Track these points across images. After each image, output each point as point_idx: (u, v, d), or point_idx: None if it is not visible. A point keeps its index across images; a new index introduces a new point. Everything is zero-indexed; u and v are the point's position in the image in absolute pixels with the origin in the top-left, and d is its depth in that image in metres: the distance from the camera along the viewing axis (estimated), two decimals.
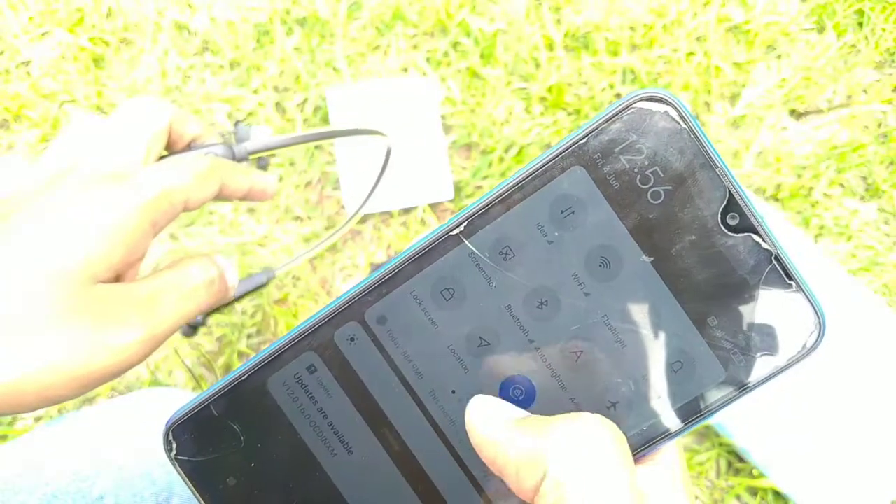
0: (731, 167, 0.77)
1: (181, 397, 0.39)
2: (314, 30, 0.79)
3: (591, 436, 0.16)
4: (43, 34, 0.79)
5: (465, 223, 0.19)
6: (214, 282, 0.26)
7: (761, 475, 0.66)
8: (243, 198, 0.29)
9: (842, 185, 0.77)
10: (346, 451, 0.20)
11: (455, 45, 0.79)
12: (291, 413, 0.20)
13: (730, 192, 0.18)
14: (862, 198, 0.77)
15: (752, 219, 0.18)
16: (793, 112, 0.80)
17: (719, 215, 0.18)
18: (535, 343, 0.19)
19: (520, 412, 0.18)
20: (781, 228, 0.72)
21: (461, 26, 0.79)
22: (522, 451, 0.17)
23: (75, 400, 0.66)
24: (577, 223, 0.19)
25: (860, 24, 0.82)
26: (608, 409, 0.19)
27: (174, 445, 0.20)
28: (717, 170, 0.18)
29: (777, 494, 0.67)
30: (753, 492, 0.67)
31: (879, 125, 0.79)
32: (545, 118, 0.78)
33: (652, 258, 0.18)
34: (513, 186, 0.19)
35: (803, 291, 0.18)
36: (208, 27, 0.79)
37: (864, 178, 0.78)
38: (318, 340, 0.20)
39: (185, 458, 0.20)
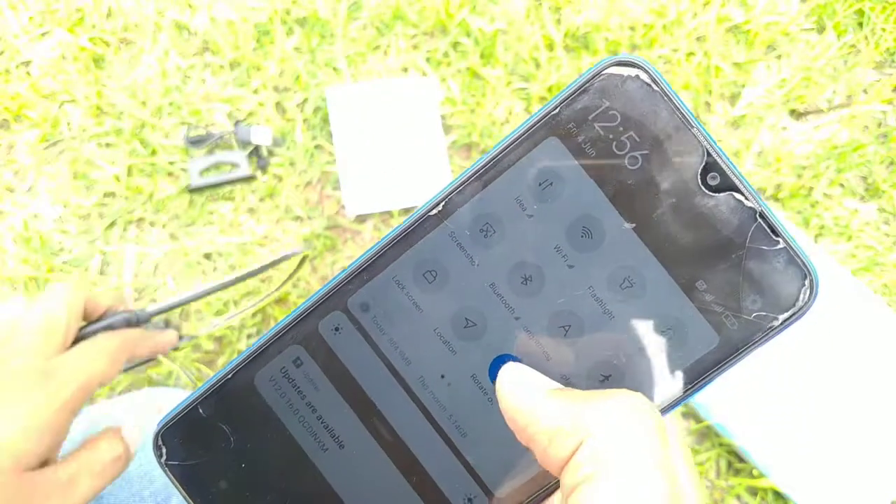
0: None
1: (180, 397, 0.39)
2: (314, 30, 0.79)
3: (635, 414, 0.16)
4: (43, 34, 0.79)
5: (443, 203, 0.19)
6: (121, 457, 0.30)
7: (761, 475, 0.66)
8: (150, 357, 0.36)
9: (842, 185, 0.77)
10: (337, 446, 0.20)
11: (455, 45, 0.79)
12: (280, 409, 0.20)
13: (707, 152, 0.18)
14: (862, 198, 0.77)
15: (734, 177, 0.18)
16: (793, 112, 0.80)
17: (699, 176, 0.18)
18: (521, 320, 0.19)
19: (552, 382, 0.18)
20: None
21: (461, 26, 0.79)
22: (557, 420, 0.16)
23: None
24: (555, 195, 0.18)
25: (860, 24, 0.82)
26: (601, 382, 0.19)
27: (164, 451, 0.20)
28: (692, 130, 0.18)
29: (777, 494, 0.67)
30: (753, 492, 0.67)
31: (879, 125, 0.79)
32: None
33: (634, 225, 0.18)
34: (488, 163, 0.18)
35: (791, 248, 0.18)
36: (208, 27, 0.79)
37: (864, 178, 0.78)
38: (303, 333, 0.20)
39: (176, 462, 0.20)
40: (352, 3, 0.80)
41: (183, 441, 0.20)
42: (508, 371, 0.18)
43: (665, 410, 0.19)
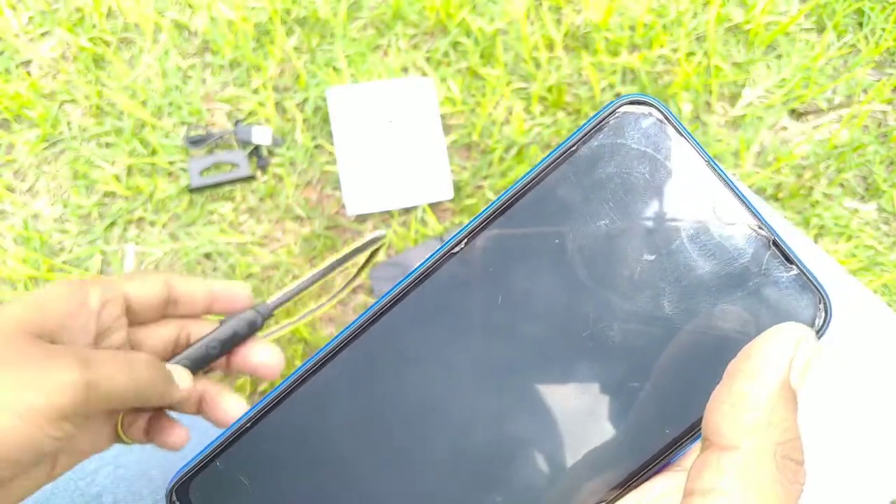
0: (732, 167, 0.77)
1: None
2: (314, 30, 0.79)
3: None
4: (43, 34, 0.79)
5: (463, 242, 0.19)
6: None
7: None
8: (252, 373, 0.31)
9: (842, 185, 0.77)
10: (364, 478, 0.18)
11: (455, 45, 0.79)
12: (303, 456, 0.18)
13: (721, 183, 0.18)
14: (862, 198, 0.77)
15: (747, 208, 0.18)
16: (793, 112, 0.80)
17: (713, 208, 0.18)
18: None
19: (749, 398, 0.15)
20: (781, 228, 0.72)
21: (461, 26, 0.79)
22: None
23: None
24: (574, 232, 0.19)
25: (860, 24, 0.82)
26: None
27: None
28: (705, 164, 0.18)
29: None
30: None
31: (879, 125, 0.79)
32: (545, 118, 0.78)
33: (653, 257, 0.18)
34: (503, 204, 0.18)
35: (805, 274, 0.18)
36: (208, 27, 0.79)
37: (864, 178, 0.78)
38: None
39: None
40: (352, 3, 0.80)
41: (200, 496, 0.18)
42: (738, 368, 0.16)
43: (694, 439, 0.18)
